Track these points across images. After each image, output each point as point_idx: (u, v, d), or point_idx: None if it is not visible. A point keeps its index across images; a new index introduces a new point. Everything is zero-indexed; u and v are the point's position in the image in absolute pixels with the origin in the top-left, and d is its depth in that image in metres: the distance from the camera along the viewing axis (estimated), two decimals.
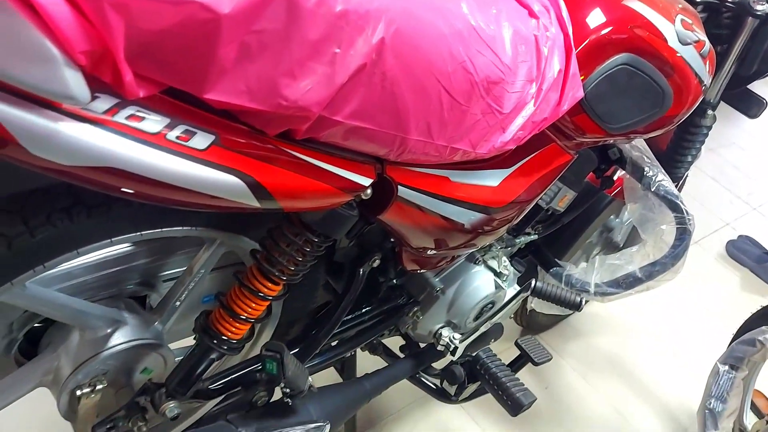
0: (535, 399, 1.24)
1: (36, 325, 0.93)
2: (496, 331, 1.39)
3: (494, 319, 1.21)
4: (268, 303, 0.88)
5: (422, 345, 1.35)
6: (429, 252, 1.02)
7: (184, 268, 1.01)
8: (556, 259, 1.47)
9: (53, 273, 0.87)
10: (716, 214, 3.08)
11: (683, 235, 1.34)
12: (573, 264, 1.50)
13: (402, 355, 1.35)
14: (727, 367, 1.35)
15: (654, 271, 1.34)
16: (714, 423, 1.35)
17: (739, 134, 3.94)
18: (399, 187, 0.82)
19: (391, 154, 0.75)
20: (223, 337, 0.87)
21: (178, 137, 0.58)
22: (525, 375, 1.56)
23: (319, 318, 1.12)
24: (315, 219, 0.81)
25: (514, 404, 1.21)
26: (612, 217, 1.80)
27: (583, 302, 1.11)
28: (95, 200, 0.74)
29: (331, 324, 1.07)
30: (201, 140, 0.60)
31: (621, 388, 2.01)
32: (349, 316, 1.15)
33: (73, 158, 0.53)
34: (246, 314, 0.86)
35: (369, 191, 0.79)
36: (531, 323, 1.89)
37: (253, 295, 0.86)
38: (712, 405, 1.35)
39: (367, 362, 1.36)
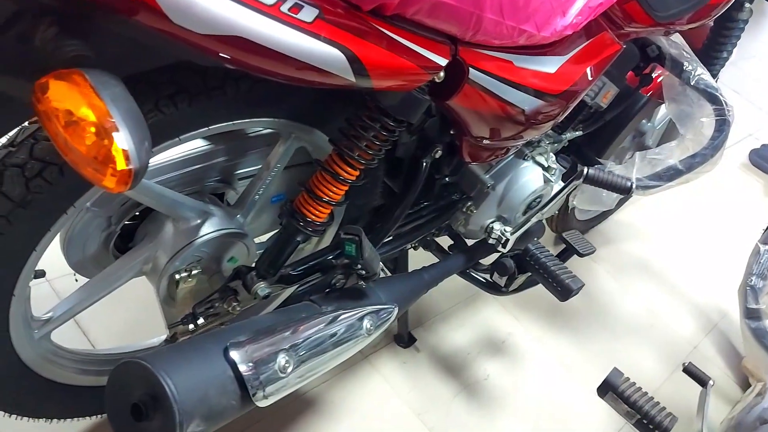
0: (583, 284, 1.31)
1: (127, 222, 1.01)
2: (538, 230, 1.47)
3: (544, 211, 1.28)
4: (347, 187, 0.94)
5: (471, 244, 1.43)
6: (486, 142, 1.08)
7: (258, 167, 1.07)
8: (596, 158, 1.52)
9: (154, 165, 0.94)
10: (738, 125, 3.09)
11: (722, 126, 1.38)
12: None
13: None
14: (767, 247, 1.42)
15: (694, 162, 1.39)
16: (755, 298, 1.43)
17: (759, 47, 3.91)
18: (470, 69, 0.87)
19: (467, 33, 0.80)
20: (308, 219, 0.95)
21: (289, 9, 0.63)
22: None
23: (380, 215, 1.20)
24: (392, 103, 0.87)
25: (564, 290, 1.29)
26: (644, 121, 1.84)
27: (633, 186, 1.17)
28: (196, 89, 0.80)
29: (394, 218, 1.14)
30: (308, 13, 0.65)
31: (651, 288, 2.10)
32: (409, 211, 1.21)
33: (207, 27, 0.58)
34: (328, 197, 0.93)
35: (442, 74, 0.84)
36: (565, 230, 1.96)
37: (334, 179, 0.92)
38: (753, 282, 1.44)
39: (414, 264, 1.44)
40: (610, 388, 1.13)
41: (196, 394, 0.77)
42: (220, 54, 0.62)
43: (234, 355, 0.82)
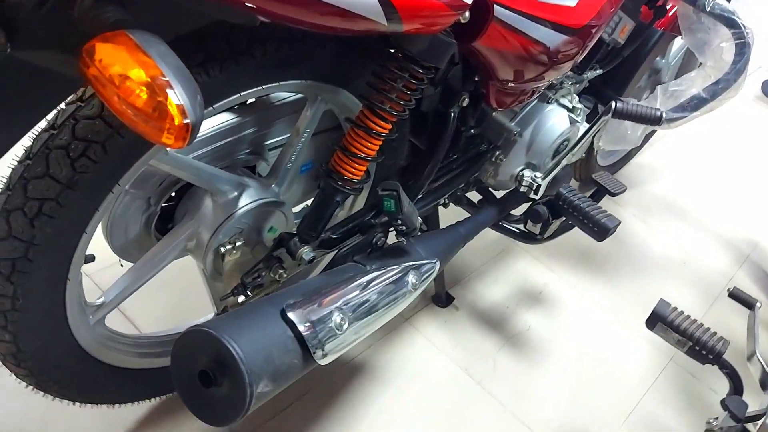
0: (620, 222, 1.31)
1: (164, 205, 1.01)
2: (566, 176, 1.46)
3: (574, 152, 1.27)
4: (381, 141, 0.94)
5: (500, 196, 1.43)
6: (512, 85, 1.07)
7: (286, 135, 1.07)
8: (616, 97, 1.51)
9: None
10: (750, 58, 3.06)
11: (743, 49, 1.36)
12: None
13: None
14: None
15: (717, 89, 1.38)
16: None
17: None
18: (495, 6, 0.86)
19: None
20: (346, 178, 0.95)
21: None
22: (582, 234, 1.65)
23: (410, 173, 1.19)
24: (420, 49, 0.86)
25: (601, 229, 1.29)
26: (659, 58, 1.82)
27: (663, 115, 1.16)
28: (224, 54, 0.80)
29: (426, 173, 1.14)
30: None
31: (679, 225, 2.09)
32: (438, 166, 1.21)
33: None
34: (363, 153, 0.93)
35: (468, 14, 0.83)
36: (587, 178, 1.95)
37: (368, 134, 0.92)
38: None
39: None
40: (658, 319, 1.13)
41: (261, 356, 0.78)
42: (253, 5, 0.62)
43: (292, 315, 0.83)
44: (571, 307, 1.69)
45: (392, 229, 1.09)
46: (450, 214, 1.43)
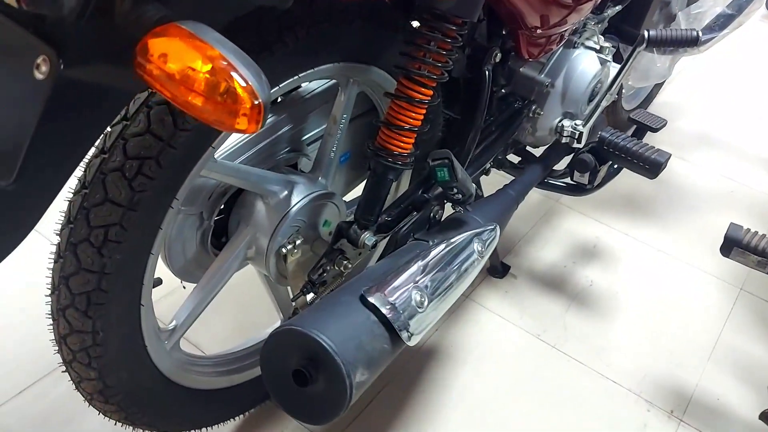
0: (670, 155, 1.27)
1: (216, 218, 1.00)
2: (601, 123, 1.42)
3: (611, 92, 1.24)
4: (425, 109, 0.91)
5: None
6: (541, 31, 1.04)
7: (323, 126, 1.05)
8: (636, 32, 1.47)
9: (229, 150, 0.92)
10: None
11: None
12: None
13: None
14: None
15: (742, 3, 1.34)
16: None
17: None
18: None
19: None
20: (396, 153, 0.92)
21: None
22: (623, 182, 1.61)
23: (452, 142, 1.17)
24: (450, 4, 0.83)
25: (653, 166, 1.25)
26: None
27: (700, 35, 1.12)
28: (258, 46, 0.77)
29: (471, 138, 1.11)
30: None
31: (717, 155, 2.04)
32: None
33: None
34: (409, 124, 0.91)
35: None
36: (617, 122, 1.91)
37: (410, 104, 0.89)
38: None
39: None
40: (734, 243, 1.10)
41: (351, 344, 0.76)
42: None
43: (372, 300, 0.81)
44: (628, 255, 1.65)
45: (447, 200, 1.06)
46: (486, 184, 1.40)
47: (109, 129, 0.75)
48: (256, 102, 0.50)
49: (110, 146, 0.73)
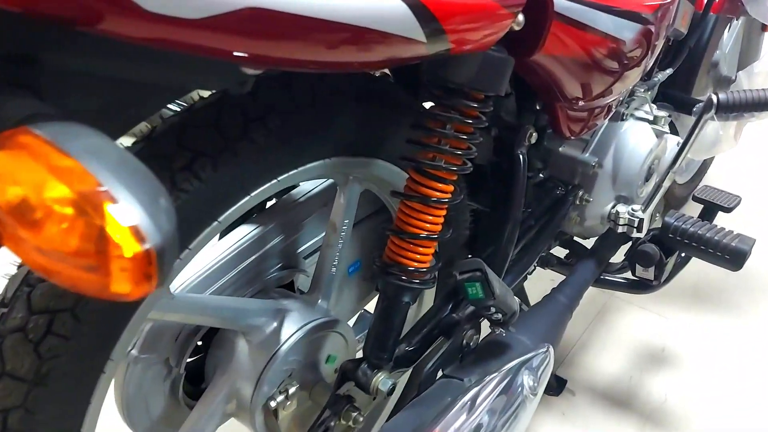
0: (755, 240, 1.03)
1: (190, 360, 0.78)
2: (658, 205, 1.20)
3: (674, 168, 1.02)
4: (445, 209, 0.70)
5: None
6: (582, 103, 0.84)
7: (321, 235, 0.85)
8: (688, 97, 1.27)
9: (195, 279, 0.72)
10: None
11: None
12: None
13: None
14: None
15: None
16: None
17: None
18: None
19: None
20: (410, 269, 0.70)
21: None
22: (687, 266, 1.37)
23: (482, 244, 0.95)
24: (468, 76, 0.63)
25: (734, 255, 1.02)
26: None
27: None
28: (215, 146, 0.58)
29: (508, 236, 0.89)
30: None
31: None
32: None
33: (204, 7, 0.37)
34: (426, 230, 0.69)
35: (521, 17, 0.61)
36: (675, 200, 1.67)
37: (426, 204, 0.69)
38: None
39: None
40: None
41: None
42: (234, 52, 0.40)
43: None
44: (707, 355, 1.37)
45: (483, 319, 0.83)
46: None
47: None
48: (144, 247, 0.29)
49: (11, 297, 0.53)
